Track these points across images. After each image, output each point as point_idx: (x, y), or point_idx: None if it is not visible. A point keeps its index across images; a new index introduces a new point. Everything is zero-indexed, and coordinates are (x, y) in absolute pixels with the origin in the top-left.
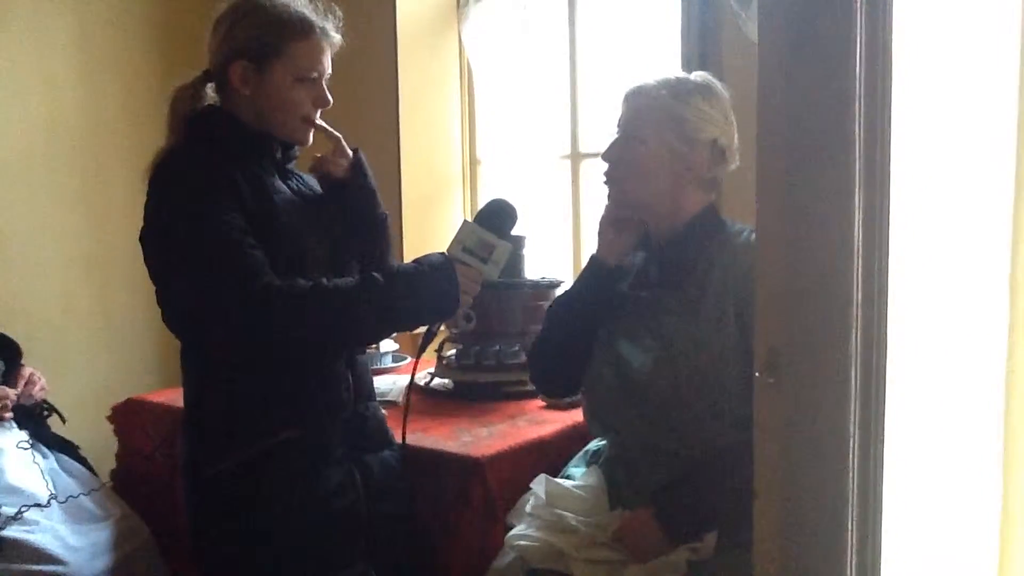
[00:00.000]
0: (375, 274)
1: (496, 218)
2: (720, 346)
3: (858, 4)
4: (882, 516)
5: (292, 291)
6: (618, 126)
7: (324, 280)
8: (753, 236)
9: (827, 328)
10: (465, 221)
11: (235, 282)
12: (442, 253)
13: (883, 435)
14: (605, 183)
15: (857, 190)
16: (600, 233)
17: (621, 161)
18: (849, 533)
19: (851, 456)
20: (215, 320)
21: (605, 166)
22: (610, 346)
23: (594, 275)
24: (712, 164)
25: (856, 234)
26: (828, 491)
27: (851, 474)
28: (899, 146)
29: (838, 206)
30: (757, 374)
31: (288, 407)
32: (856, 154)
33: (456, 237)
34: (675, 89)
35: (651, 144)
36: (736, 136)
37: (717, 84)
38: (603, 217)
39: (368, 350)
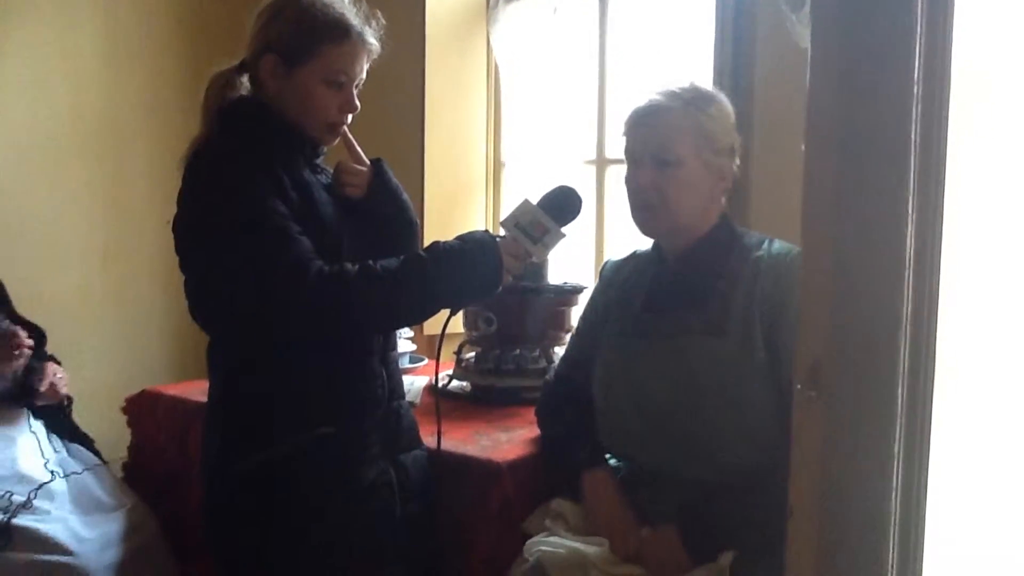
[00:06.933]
0: (420, 253)
1: (558, 204)
2: (746, 367)
3: (919, 4)
4: (925, 541)
5: (343, 275)
6: (638, 151)
7: (371, 262)
8: (774, 246)
9: (874, 341)
10: (526, 199)
11: (288, 268)
12: (486, 231)
13: (928, 455)
14: (636, 211)
15: (911, 197)
16: None
17: (657, 188)
18: (890, 557)
19: (894, 477)
20: (265, 307)
21: (638, 195)
22: (626, 371)
23: None
24: (734, 170)
25: (908, 243)
26: (869, 512)
27: (894, 495)
28: (954, 151)
29: (890, 213)
30: (798, 387)
31: (323, 403)
32: (911, 159)
33: (513, 212)
34: (694, 102)
35: (689, 163)
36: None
37: (713, 89)
38: None
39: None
